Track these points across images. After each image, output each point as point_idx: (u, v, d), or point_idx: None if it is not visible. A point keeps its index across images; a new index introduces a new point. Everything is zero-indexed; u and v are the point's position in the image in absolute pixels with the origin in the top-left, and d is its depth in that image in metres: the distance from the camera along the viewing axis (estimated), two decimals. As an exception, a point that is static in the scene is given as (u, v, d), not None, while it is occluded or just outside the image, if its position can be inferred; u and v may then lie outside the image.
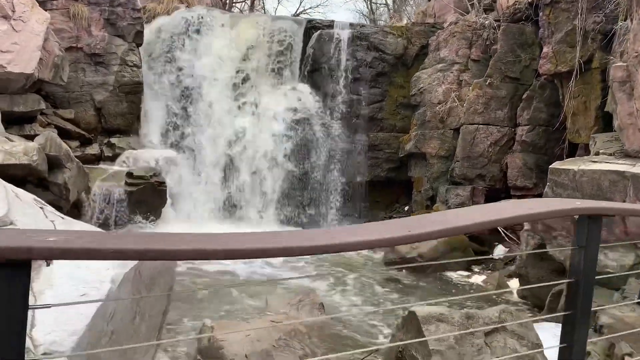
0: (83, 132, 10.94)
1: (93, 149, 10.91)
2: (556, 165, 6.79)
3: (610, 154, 6.90)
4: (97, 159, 10.98)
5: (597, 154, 7.11)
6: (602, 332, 4.34)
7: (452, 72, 11.34)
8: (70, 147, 10.31)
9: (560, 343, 1.80)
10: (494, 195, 10.53)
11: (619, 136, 6.87)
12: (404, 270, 9.51)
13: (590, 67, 8.99)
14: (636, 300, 4.69)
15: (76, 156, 10.12)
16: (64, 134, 10.51)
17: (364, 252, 10.81)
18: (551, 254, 7.12)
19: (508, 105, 10.74)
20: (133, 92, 11.54)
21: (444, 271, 9.67)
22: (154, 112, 11.77)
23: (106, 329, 2.11)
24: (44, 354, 1.77)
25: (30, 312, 1.83)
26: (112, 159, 11.07)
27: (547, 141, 10.34)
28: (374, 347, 5.71)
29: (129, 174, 10.26)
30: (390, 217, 12.29)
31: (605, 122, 8.76)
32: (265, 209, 11.73)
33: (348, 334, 6.66)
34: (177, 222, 10.81)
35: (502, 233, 10.42)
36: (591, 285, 1.76)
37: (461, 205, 10.78)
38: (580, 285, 1.73)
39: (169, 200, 10.62)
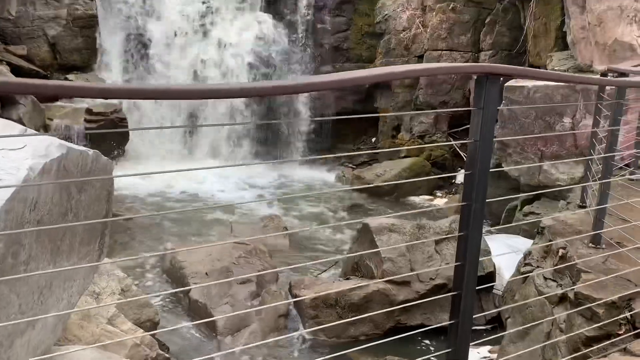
0: (38, 69, 10.58)
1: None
2: (511, 83, 6.85)
3: (564, 70, 6.97)
4: (55, 97, 10.67)
5: (552, 70, 7.17)
6: (543, 233, 4.54)
7: (416, -2, 11.14)
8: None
9: (459, 231, 1.88)
10: (457, 122, 10.64)
11: (572, 52, 6.92)
12: (369, 199, 9.69)
13: (551, -13, 8.93)
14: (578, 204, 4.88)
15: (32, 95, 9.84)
16: (17, 72, 10.14)
17: (329, 180, 10.93)
18: (507, 171, 7.30)
19: (471, 30, 10.67)
20: (88, 26, 11.11)
21: (408, 196, 9.89)
22: (112, 46, 11.38)
23: (29, 217, 2.13)
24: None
25: (-60, 193, 1.83)
26: (69, 97, 10.78)
27: (509, 64, 10.36)
28: (333, 259, 5.90)
29: (88, 111, 10.03)
30: (359, 149, 12.35)
31: (565, 42, 8.79)
32: (233, 146, 11.67)
33: (308, 255, 6.83)
34: (142, 160, 10.72)
35: (464, 157, 10.60)
36: (490, 145, 1.82)
37: (425, 132, 10.90)
38: (478, 146, 1.80)
39: (131, 137, 10.47)
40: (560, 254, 3.98)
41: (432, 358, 3.95)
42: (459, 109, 9.86)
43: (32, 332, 2.35)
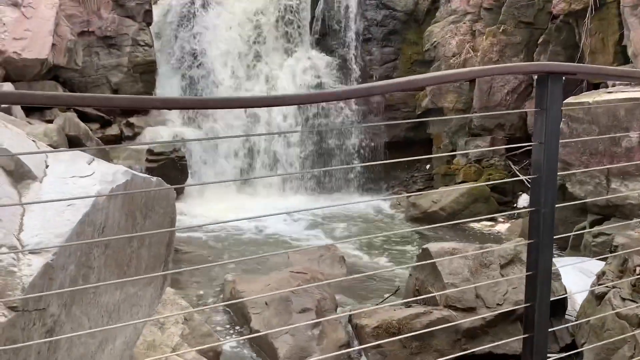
0: (102, 114, 11.17)
1: (113, 130, 11.15)
2: (570, 99, 6.64)
3: (626, 84, 6.69)
4: (118, 139, 11.21)
5: (613, 85, 6.90)
6: (617, 252, 4.29)
7: (464, 23, 11.12)
8: (91, 130, 10.58)
9: (527, 270, 1.81)
10: (515, 144, 10.35)
11: (634, 64, 6.65)
12: (426, 226, 9.49)
13: (606, 1, 8.69)
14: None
15: (98, 138, 10.38)
16: (84, 118, 10.76)
17: (384, 209, 10.82)
18: (571, 191, 7.00)
19: (524, 51, 10.48)
20: (147, 71, 11.70)
21: (467, 222, 9.62)
22: (169, 89, 11.91)
23: (98, 242, 2.20)
24: (31, 252, 1.87)
25: (18, 218, 1.93)
26: (132, 138, 11.29)
27: (566, 84, 10.07)
28: (390, 296, 5.77)
29: (149, 151, 10.46)
30: (412, 177, 12.24)
31: (625, 57, 8.48)
32: (286, 178, 11.81)
33: (367, 283, 6.72)
34: (199, 197, 11.01)
35: (526, 182, 10.26)
36: (556, 146, 1.74)
37: (482, 156, 10.66)
38: (543, 148, 1.73)
39: (190, 176, 10.81)
40: (638, 272, 3.73)
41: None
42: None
43: (102, 356, 2.40)
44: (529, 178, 1.79)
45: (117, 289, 2.53)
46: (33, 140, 2.61)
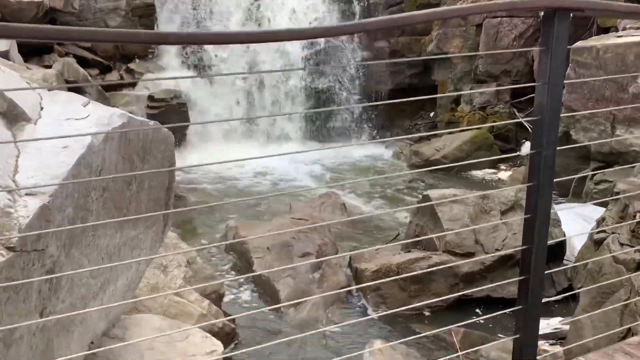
0: (101, 60, 11.00)
1: (113, 76, 10.99)
2: (578, 44, 6.46)
3: (637, 28, 6.49)
4: (118, 85, 11.07)
5: (624, 29, 6.70)
6: (618, 198, 4.28)
7: (472, -36, 10.70)
8: (91, 76, 10.43)
9: (526, 213, 1.79)
10: (520, 90, 10.19)
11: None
12: (428, 174, 9.48)
13: (621, -60, 8.30)
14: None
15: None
16: (82, 63, 10.58)
17: (387, 157, 10.79)
18: (575, 138, 6.94)
19: (533, -7, 10.13)
20: (146, 14, 11.41)
21: (470, 170, 9.60)
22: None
23: (95, 183, 2.19)
24: (28, 194, 1.86)
25: (13, 160, 1.91)
26: (133, 84, 11.15)
27: (576, 28, 9.79)
28: (390, 241, 5.82)
29: (150, 97, 10.36)
30: (416, 125, 12.14)
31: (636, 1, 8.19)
32: (286, 126, 11.74)
33: (368, 231, 6.78)
34: (202, 144, 10.97)
35: (529, 128, 10.16)
36: (560, 88, 1.69)
37: (486, 103, 10.52)
38: (547, 88, 1.68)
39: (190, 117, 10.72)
40: (638, 217, 3.74)
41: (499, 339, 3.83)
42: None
43: (103, 297, 2.44)
44: (531, 119, 1.75)
45: (117, 231, 2.54)
46: (27, 83, 2.56)
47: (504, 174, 9.39)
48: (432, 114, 12.00)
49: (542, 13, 1.63)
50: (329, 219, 6.82)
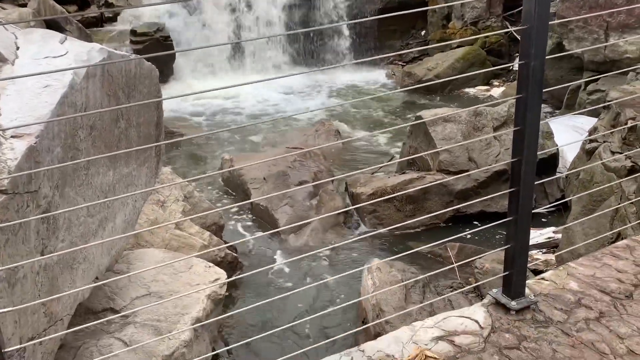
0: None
1: (92, 11, 10.60)
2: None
3: None
4: (98, 21, 10.71)
5: None
6: (610, 107, 4.26)
7: None
8: (68, 12, 10.05)
9: (515, 126, 1.77)
10: (512, 3, 9.90)
11: None
12: (421, 95, 9.39)
13: None
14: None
15: (76, 21, 9.89)
16: (59, -1, 10.17)
17: (379, 79, 10.65)
18: (569, 48, 6.82)
19: None
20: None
21: (463, 88, 9.51)
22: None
23: (81, 122, 2.17)
24: (13, 136, 1.85)
25: (-6, 103, 1.87)
26: (113, 19, 10.78)
27: None
28: (385, 164, 5.84)
29: (133, 32, 10.06)
30: (407, 44, 11.86)
31: None
32: (277, 56, 11.46)
33: (362, 156, 6.81)
34: (189, 76, 10.77)
35: (515, 35, 9.96)
36: (545, 33, 1.65)
37: (478, 18, 10.24)
38: (533, 33, 1.63)
39: (177, 58, 10.46)
40: (629, 124, 3.74)
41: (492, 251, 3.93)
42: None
43: (103, 233, 2.48)
44: (518, 29, 1.71)
45: (110, 169, 2.55)
46: (1, 22, 2.47)
47: (497, 90, 9.31)
48: (423, 32, 11.70)
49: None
50: (324, 145, 6.82)
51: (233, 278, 3.90)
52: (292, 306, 3.89)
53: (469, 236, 4.52)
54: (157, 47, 10.14)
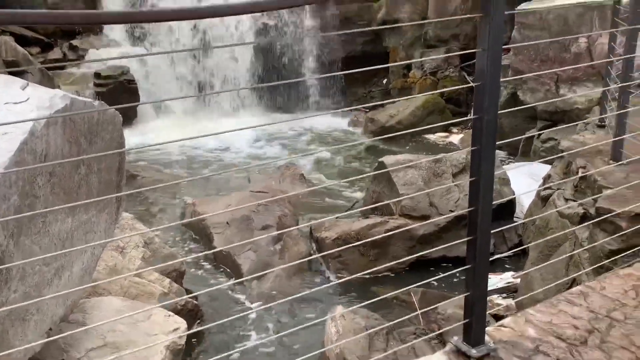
0: (42, 37, 10.51)
1: (55, 54, 10.54)
2: (523, 6, 6.60)
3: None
4: (62, 64, 10.63)
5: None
6: (563, 155, 4.46)
7: None
8: (31, 54, 9.97)
9: (471, 177, 1.85)
10: (469, 55, 10.35)
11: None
12: (383, 141, 9.59)
13: None
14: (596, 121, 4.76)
15: (39, 63, 9.81)
16: (22, 41, 10.09)
17: (343, 126, 10.84)
18: (522, 99, 7.14)
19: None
20: (86, -13, 10.93)
21: (423, 134, 9.77)
22: (112, 7, 11.19)
23: (40, 169, 2.14)
24: (-31, 184, 1.80)
25: (-51, 149, 1.83)
26: (77, 61, 10.73)
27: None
28: (348, 209, 5.90)
29: (97, 75, 10.02)
30: (370, 92, 12.19)
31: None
32: (241, 98, 11.59)
33: (327, 199, 6.85)
34: (155, 119, 10.73)
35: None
36: (499, 54, 1.75)
37: (437, 68, 10.65)
38: (487, 55, 1.73)
39: (142, 98, 10.43)
40: (580, 173, 3.91)
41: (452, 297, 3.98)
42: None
43: (59, 283, 2.41)
44: (472, 86, 1.80)
45: (68, 216, 2.50)
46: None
47: (456, 137, 9.61)
48: (384, 81, 12.07)
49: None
50: (288, 190, 6.84)
51: (194, 330, 3.80)
52: (254, 357, 3.81)
53: (435, 283, 4.57)
54: (121, 90, 10.12)
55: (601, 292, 2.28)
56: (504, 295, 4.43)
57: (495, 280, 4.66)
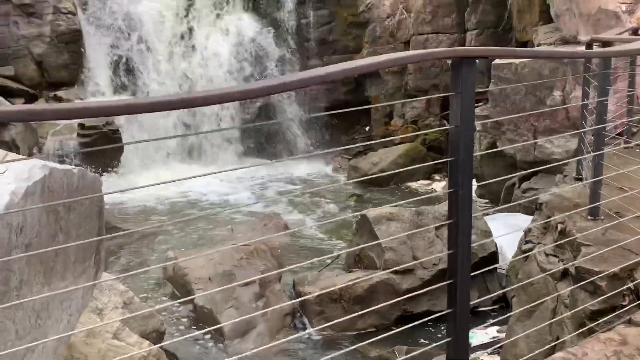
0: (26, 89, 10.56)
1: (39, 105, 10.56)
2: (498, 61, 6.81)
3: (550, 44, 6.92)
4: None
5: (538, 45, 7.12)
6: (541, 209, 4.52)
7: (397, -16, 11.08)
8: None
9: (448, 219, 1.87)
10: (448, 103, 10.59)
11: (557, 24, 6.87)
12: (366, 188, 9.66)
13: (532, -39, 8.86)
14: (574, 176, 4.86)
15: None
16: (7, 93, 10.12)
17: (326, 172, 10.91)
18: (501, 149, 7.27)
19: (455, 11, 10.61)
20: (72, 41, 11.06)
21: (406, 182, 9.86)
22: (97, 59, 11.34)
23: (16, 242, 2.11)
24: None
25: None
26: (61, 112, 10.75)
27: (496, 42, 10.31)
28: (334, 254, 5.89)
29: (81, 125, 10.04)
30: (353, 139, 12.33)
31: (550, 15, 8.73)
32: (225, 146, 11.66)
33: (309, 251, 6.82)
34: (139, 169, 10.71)
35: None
36: (471, 132, 1.80)
37: (418, 117, 10.86)
38: (460, 131, 1.77)
39: (126, 148, 10.44)
40: (559, 229, 3.96)
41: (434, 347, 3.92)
42: (438, 95, 9.82)
43: (32, 356, 2.34)
44: (445, 160, 1.83)
45: (44, 285, 2.45)
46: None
47: (438, 185, 9.71)
48: (367, 128, 12.25)
49: (449, 61, 1.72)
50: (271, 241, 6.80)
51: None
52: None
53: (421, 340, 4.52)
54: (105, 141, 10.11)
55: (583, 359, 2.27)
56: (489, 351, 4.39)
57: (481, 335, 4.63)
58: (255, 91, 1.54)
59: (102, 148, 9.59)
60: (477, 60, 1.75)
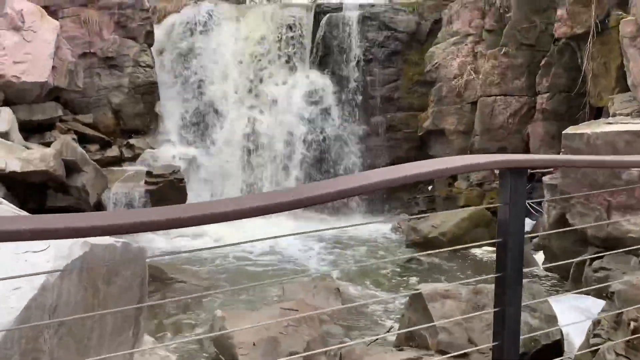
0: (102, 135, 11.17)
1: (113, 151, 11.13)
2: (569, 130, 6.49)
3: (627, 114, 6.53)
4: (118, 160, 11.19)
5: (613, 115, 6.74)
6: (613, 299, 4.13)
7: (466, 45, 11.01)
8: (90, 151, 10.56)
9: (494, 307, 1.68)
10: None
11: (633, 94, 6.49)
12: (425, 250, 9.32)
13: (608, 26, 8.55)
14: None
15: (97, 159, 10.34)
16: (83, 139, 10.76)
17: (385, 231, 10.68)
18: (571, 222, 6.84)
19: (525, 73, 10.35)
20: (148, 92, 11.70)
21: (469, 249, 9.45)
22: (170, 110, 11.90)
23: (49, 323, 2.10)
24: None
25: (-43, 308, 1.83)
26: (133, 159, 11.27)
27: (568, 107, 9.93)
28: (381, 335, 5.63)
29: (149, 173, 10.43)
30: (415, 198, 12.10)
31: (627, 82, 8.32)
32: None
33: (362, 319, 6.58)
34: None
35: (529, 207, 10.08)
36: (520, 244, 1.63)
37: (483, 179, 10.51)
38: (507, 244, 1.61)
39: (190, 194, 10.73)
40: (631, 327, 3.58)
41: None
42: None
43: None
44: (497, 206, 1.63)
45: (77, 361, 2.42)
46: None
47: (503, 253, 9.22)
48: (430, 188, 11.99)
49: (497, 171, 1.58)
50: (321, 305, 6.63)
51: None
52: None
53: None
54: (170, 189, 10.45)
55: None
56: None
57: None
58: (305, 200, 1.45)
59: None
60: (528, 170, 1.61)
